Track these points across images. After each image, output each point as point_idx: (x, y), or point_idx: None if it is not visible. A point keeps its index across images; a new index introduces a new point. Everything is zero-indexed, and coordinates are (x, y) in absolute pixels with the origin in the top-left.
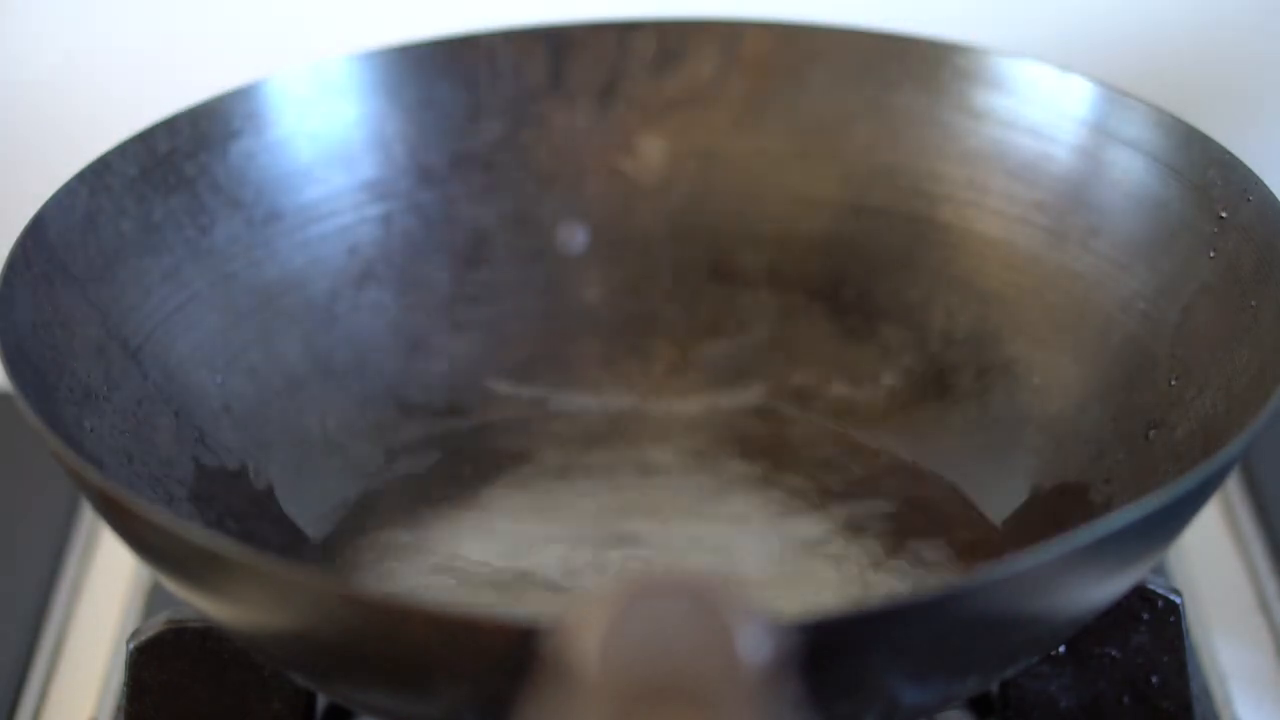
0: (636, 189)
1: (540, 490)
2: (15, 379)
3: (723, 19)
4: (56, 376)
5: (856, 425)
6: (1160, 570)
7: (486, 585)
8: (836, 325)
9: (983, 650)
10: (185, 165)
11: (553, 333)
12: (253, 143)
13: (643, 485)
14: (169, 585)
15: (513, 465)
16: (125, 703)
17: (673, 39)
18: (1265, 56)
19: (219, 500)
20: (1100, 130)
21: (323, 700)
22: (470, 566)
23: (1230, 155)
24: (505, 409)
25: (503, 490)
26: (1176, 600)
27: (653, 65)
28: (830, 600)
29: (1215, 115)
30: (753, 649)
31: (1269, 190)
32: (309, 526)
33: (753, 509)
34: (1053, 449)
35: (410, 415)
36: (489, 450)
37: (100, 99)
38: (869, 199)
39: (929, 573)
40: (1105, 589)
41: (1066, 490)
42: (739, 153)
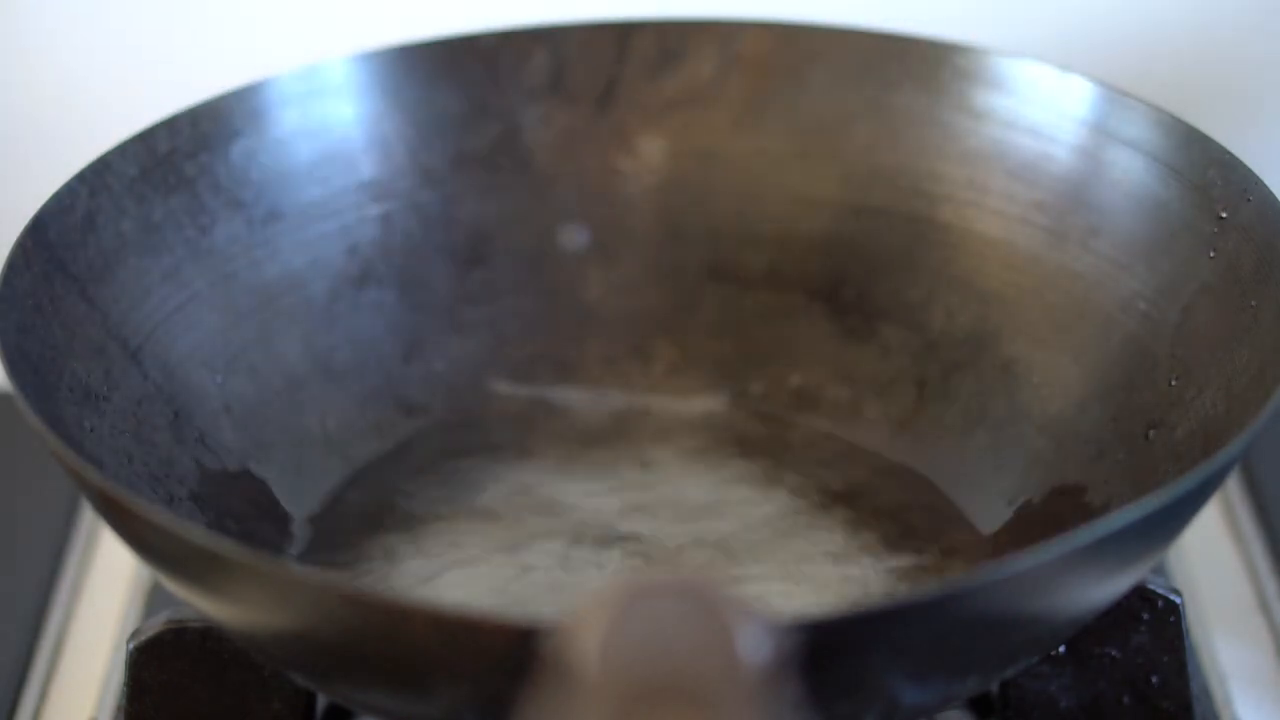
0: (636, 189)
1: (540, 489)
2: (15, 379)
3: (722, 19)
4: (56, 376)
5: (856, 425)
6: (1160, 570)
7: (486, 585)
8: (836, 325)
9: (983, 650)
10: (185, 165)
11: (553, 333)
12: (253, 143)
13: (643, 484)
14: (169, 585)
15: (513, 464)
16: (125, 703)
17: (672, 39)
18: (1265, 56)
19: (219, 500)
20: (1100, 130)
21: (323, 700)
22: (470, 566)
23: (1230, 155)
24: (505, 408)
25: (503, 489)
26: (1176, 600)
27: (652, 65)
28: (830, 600)
29: (1215, 115)
30: (753, 649)
31: (1269, 190)
32: (309, 526)
33: (753, 509)
34: (1053, 449)
35: (410, 415)
36: (489, 450)
37: (100, 99)
38: (869, 199)
39: (928, 573)
40: (1105, 589)
41: (1066, 490)
42: (739, 153)
